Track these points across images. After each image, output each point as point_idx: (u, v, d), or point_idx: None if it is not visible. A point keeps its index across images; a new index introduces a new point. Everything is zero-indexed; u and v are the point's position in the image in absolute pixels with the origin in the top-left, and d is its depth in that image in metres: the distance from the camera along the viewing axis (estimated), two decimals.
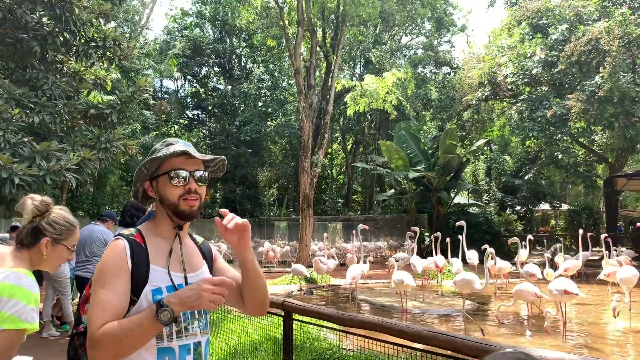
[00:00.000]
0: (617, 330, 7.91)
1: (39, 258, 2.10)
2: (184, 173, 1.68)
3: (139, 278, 1.60)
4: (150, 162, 1.70)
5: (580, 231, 12.86)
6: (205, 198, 1.82)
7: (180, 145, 1.73)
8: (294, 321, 3.43)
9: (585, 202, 28.18)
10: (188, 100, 36.11)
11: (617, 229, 22.37)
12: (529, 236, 14.70)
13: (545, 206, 29.92)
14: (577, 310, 9.77)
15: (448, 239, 14.59)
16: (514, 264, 11.99)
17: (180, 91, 36.75)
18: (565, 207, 29.54)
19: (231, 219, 1.69)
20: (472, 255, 13.66)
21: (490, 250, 8.12)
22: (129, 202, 5.01)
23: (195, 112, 36.49)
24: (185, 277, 1.70)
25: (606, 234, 13.63)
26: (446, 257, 13.58)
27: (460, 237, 12.95)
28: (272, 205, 34.44)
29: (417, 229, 14.49)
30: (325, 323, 4.30)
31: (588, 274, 14.28)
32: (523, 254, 14.52)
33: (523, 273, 10.99)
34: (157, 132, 28.99)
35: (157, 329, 1.51)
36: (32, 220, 2.12)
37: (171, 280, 1.65)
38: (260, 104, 33.18)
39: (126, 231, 1.70)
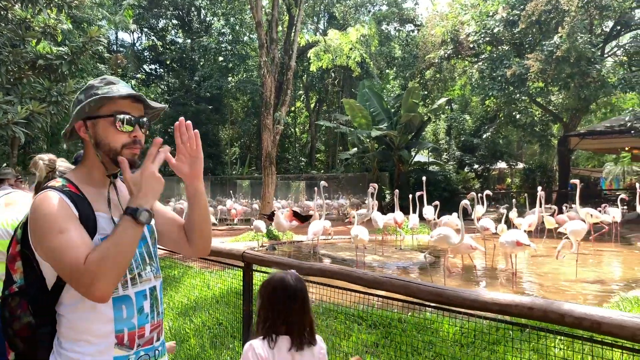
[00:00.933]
0: (564, 280, 8.35)
1: None
2: (131, 119, 1.57)
3: (87, 228, 1.50)
4: (99, 100, 1.54)
5: (539, 189, 13.27)
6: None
7: (122, 86, 1.62)
8: (254, 272, 3.44)
9: (539, 161, 29.17)
10: (145, 54, 34.70)
11: (569, 187, 23.34)
12: (487, 192, 15.12)
13: (501, 165, 30.80)
14: (528, 262, 10.23)
15: (410, 196, 14.85)
16: (471, 219, 12.37)
17: (137, 44, 35.23)
18: (520, 165, 30.49)
19: (185, 134, 1.68)
20: (428, 211, 13.96)
21: (465, 202, 8.02)
22: (79, 153, 4.81)
23: (152, 66, 35.16)
24: None
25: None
26: (407, 213, 13.89)
27: (422, 193, 13.16)
28: (234, 163, 34.10)
29: (375, 185, 14.68)
30: None
31: (541, 229, 14.92)
32: (480, 209, 15.02)
33: (478, 227, 11.37)
34: None
35: (140, 231, 1.48)
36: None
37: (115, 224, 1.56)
38: (220, 58, 32.24)
39: (54, 182, 1.57)
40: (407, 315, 4.96)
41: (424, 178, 13.62)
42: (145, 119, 1.63)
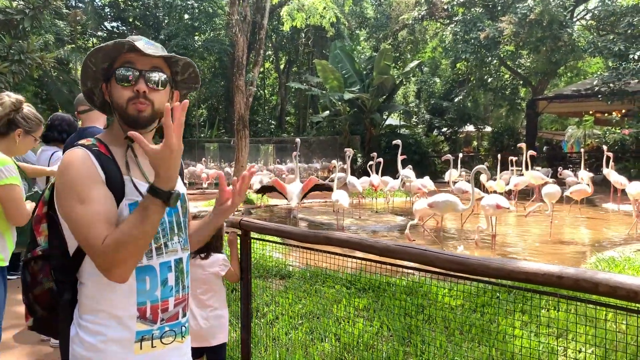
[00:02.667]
0: (539, 242, 8.59)
1: (11, 145, 2.72)
2: (131, 71, 1.44)
3: (114, 192, 1.40)
4: (95, 53, 1.45)
5: (530, 153, 13.48)
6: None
7: (139, 41, 1.47)
8: (252, 240, 3.33)
9: (506, 124, 29.65)
10: (106, 11, 32.91)
11: (534, 149, 23.91)
12: (460, 155, 15.29)
13: (469, 128, 31.18)
14: (504, 223, 10.46)
15: (381, 160, 14.86)
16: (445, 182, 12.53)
17: (97, 0, 33.41)
18: (488, 128, 30.94)
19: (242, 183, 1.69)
20: (409, 173, 13.91)
21: (481, 166, 7.79)
22: (57, 115, 4.52)
23: (114, 24, 33.46)
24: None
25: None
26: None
27: (398, 157, 13.17)
28: (202, 126, 33.34)
29: (351, 150, 14.63)
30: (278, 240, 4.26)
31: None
32: (454, 173, 15.22)
33: (455, 190, 11.50)
34: (73, 45, 26.47)
35: (162, 214, 1.34)
36: (9, 113, 2.57)
37: (137, 189, 1.45)
38: (186, 16, 30.92)
39: (85, 141, 1.47)
40: (396, 279, 4.99)
41: (399, 141, 13.57)
42: (156, 74, 1.47)
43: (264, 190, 11.24)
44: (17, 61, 8.35)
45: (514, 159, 13.52)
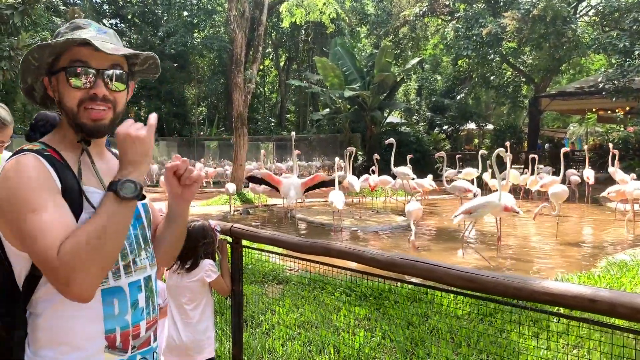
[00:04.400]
0: (545, 244, 8.34)
1: None
2: (86, 70, 1.23)
3: (72, 204, 1.20)
4: (40, 49, 1.23)
5: (532, 155, 13.14)
6: (130, 113, 1.36)
7: (89, 31, 1.26)
8: (244, 248, 3.09)
9: (508, 122, 29.37)
10: (104, 8, 32.67)
11: (537, 147, 23.65)
12: (442, 154, 14.92)
13: (471, 125, 30.91)
14: (508, 224, 10.22)
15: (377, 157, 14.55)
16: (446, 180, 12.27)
17: None
18: (490, 126, 30.66)
19: (186, 168, 1.38)
20: (406, 171, 13.58)
21: (501, 150, 7.24)
22: (41, 113, 4.27)
23: (112, 21, 33.19)
24: None
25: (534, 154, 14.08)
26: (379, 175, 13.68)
27: (392, 155, 12.83)
28: (201, 124, 33.08)
29: (353, 149, 14.37)
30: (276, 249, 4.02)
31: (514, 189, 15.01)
32: (452, 171, 14.98)
33: (452, 189, 11.24)
34: None
35: (130, 209, 1.18)
36: None
37: (89, 201, 1.26)
38: (185, 13, 30.67)
39: (30, 145, 1.24)
40: (397, 286, 4.75)
41: (392, 140, 13.14)
42: (115, 71, 1.26)
43: (254, 181, 10.91)
44: (7, 58, 8.11)
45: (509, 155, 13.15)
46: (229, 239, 3.08)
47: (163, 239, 1.48)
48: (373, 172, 13.49)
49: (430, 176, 13.56)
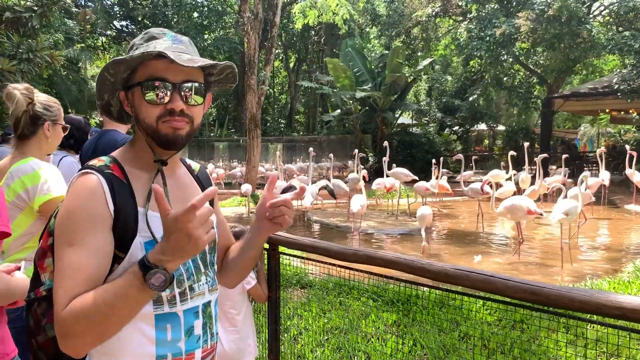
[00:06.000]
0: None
1: (43, 143, 2.27)
2: (163, 85, 1.18)
3: (125, 228, 1.16)
4: (115, 65, 1.19)
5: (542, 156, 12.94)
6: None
7: (164, 41, 1.22)
8: (281, 255, 3.05)
9: (519, 122, 29.16)
10: (115, 9, 32.76)
11: (550, 149, 23.45)
12: (474, 156, 14.95)
13: (481, 126, 30.73)
14: (527, 229, 10.12)
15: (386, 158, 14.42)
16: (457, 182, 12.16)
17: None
18: (501, 127, 30.46)
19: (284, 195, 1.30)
20: (404, 171, 13.26)
21: (544, 155, 6.85)
22: (66, 117, 4.25)
23: (123, 22, 33.31)
24: None
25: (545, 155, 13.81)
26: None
27: (385, 158, 12.61)
28: (211, 125, 33.13)
29: (362, 155, 14.26)
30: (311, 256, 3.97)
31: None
32: (468, 172, 14.88)
33: (469, 192, 11.12)
34: (82, 45, 26.36)
35: (148, 297, 1.09)
36: (26, 109, 2.15)
37: (149, 229, 1.21)
38: (196, 14, 30.74)
39: (97, 161, 1.22)
40: (425, 291, 4.69)
41: (386, 143, 12.90)
42: (192, 84, 1.22)
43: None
44: (26, 60, 8.13)
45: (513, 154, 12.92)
46: (265, 245, 3.05)
47: (235, 266, 1.44)
48: (377, 171, 13.34)
49: (444, 178, 13.46)
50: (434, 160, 12.92)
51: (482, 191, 9.41)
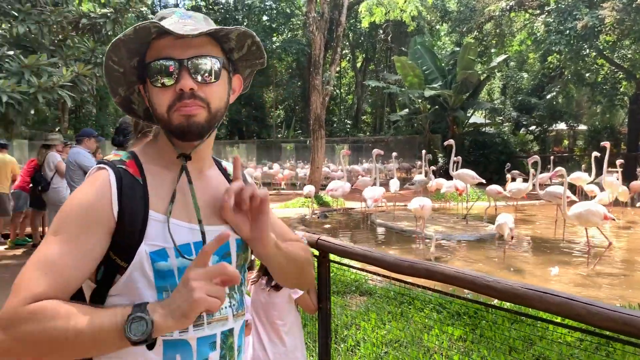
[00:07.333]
0: None
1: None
2: (167, 64, 0.99)
3: (130, 233, 0.98)
4: (114, 49, 1.00)
5: (619, 161, 11.84)
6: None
7: (171, 18, 1.03)
8: (331, 263, 2.83)
9: (604, 122, 27.15)
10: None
11: (637, 149, 21.60)
12: (552, 157, 13.99)
13: (560, 125, 28.95)
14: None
15: (458, 158, 13.81)
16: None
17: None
18: (581, 126, 28.55)
19: (241, 190, 1.06)
20: (471, 173, 12.53)
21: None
22: (125, 117, 4.29)
23: None
24: (203, 232, 1.03)
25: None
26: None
27: (451, 158, 11.95)
28: (279, 126, 33.61)
29: (429, 155, 13.75)
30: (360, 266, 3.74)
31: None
32: (544, 176, 13.93)
33: (545, 195, 10.33)
34: None
35: (120, 343, 0.87)
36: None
37: (172, 239, 1.00)
38: (265, 18, 31.31)
39: (114, 155, 1.10)
40: (495, 303, 4.29)
41: (451, 141, 12.22)
42: (203, 60, 1.01)
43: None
44: (100, 64, 8.46)
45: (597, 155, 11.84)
46: (315, 252, 2.84)
47: (279, 276, 1.24)
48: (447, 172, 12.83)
49: (519, 180, 12.69)
50: (508, 164, 12.24)
51: (550, 180, 8.76)
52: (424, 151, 13.74)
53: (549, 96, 24.10)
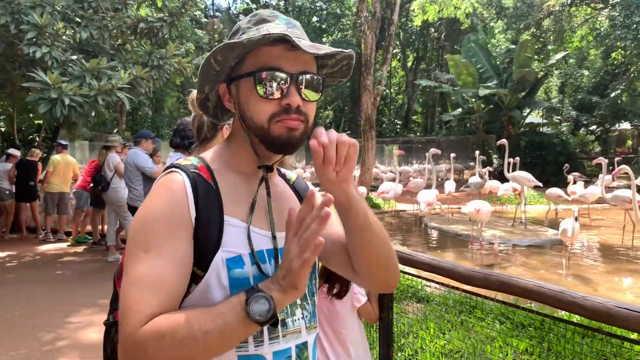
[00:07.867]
0: None
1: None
2: (280, 76, 0.96)
3: (206, 239, 0.95)
4: (227, 49, 0.97)
5: None
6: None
7: (277, 24, 1.01)
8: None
9: None
10: (240, 18, 34.73)
11: None
12: (617, 159, 13.22)
13: (624, 125, 27.41)
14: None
15: (515, 159, 13.27)
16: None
17: (232, 8, 35.44)
18: None
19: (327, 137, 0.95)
20: (528, 176, 11.89)
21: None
22: (184, 119, 4.32)
23: None
24: (276, 248, 1.01)
25: None
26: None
27: (505, 159, 11.42)
28: (328, 127, 33.51)
29: (483, 157, 13.30)
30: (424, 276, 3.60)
31: None
32: (608, 177, 13.17)
33: (612, 200, 9.73)
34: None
35: (246, 331, 0.88)
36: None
37: (250, 244, 0.97)
38: (315, 19, 31.41)
39: (184, 160, 1.04)
40: (563, 314, 4.03)
41: (504, 141, 11.66)
42: (310, 76, 0.99)
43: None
44: (157, 67, 8.66)
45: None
46: None
47: (354, 248, 1.06)
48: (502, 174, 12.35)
49: (592, 186, 12.02)
50: (566, 166, 11.64)
51: (612, 179, 8.23)
52: (477, 152, 13.32)
53: (611, 94, 22.85)
